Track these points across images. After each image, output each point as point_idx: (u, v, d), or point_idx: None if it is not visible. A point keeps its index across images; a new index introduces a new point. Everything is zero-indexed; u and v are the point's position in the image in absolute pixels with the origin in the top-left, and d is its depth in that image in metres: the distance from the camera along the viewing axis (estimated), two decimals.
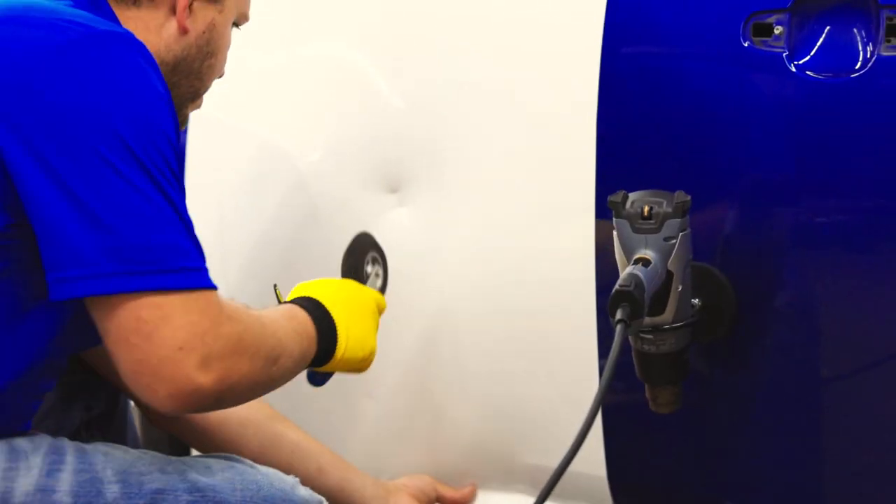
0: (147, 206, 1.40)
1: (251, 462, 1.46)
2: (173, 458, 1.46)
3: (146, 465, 1.44)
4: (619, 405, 1.84)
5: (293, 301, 1.67)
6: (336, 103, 2.01)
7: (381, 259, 1.98)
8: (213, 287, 1.43)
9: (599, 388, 1.42)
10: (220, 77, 1.70)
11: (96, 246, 1.38)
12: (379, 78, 1.98)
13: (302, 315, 1.63)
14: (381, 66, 1.99)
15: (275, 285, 1.77)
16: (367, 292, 1.77)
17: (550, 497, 1.97)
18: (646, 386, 1.71)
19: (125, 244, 1.39)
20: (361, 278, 1.94)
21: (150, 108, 1.43)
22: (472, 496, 2.03)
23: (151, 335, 1.39)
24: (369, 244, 1.97)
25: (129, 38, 1.46)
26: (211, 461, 1.47)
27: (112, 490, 1.40)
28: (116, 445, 1.53)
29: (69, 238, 1.38)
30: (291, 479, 1.46)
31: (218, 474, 1.44)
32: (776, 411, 1.75)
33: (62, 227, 1.39)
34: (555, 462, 1.62)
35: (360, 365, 1.72)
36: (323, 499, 1.47)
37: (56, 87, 1.40)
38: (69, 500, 1.43)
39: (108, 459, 1.45)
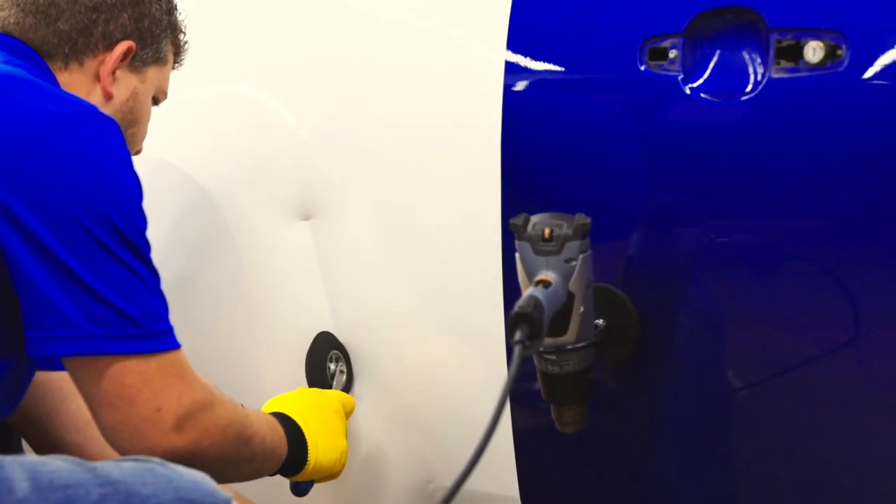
0: (129, 276, 1.52)
1: (161, 461, 1.48)
2: (82, 460, 1.47)
3: (55, 465, 1.45)
4: (529, 426, 1.87)
5: None
6: (244, 136, 2.02)
7: (344, 356, 2.02)
8: (179, 346, 1.56)
9: (496, 407, 1.43)
10: (138, 153, 1.79)
11: (82, 311, 1.50)
12: (286, 112, 2.00)
13: (272, 419, 1.76)
14: (287, 101, 2.00)
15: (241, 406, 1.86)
16: (331, 396, 1.90)
17: None
18: (551, 406, 1.73)
19: (110, 311, 1.50)
20: (325, 378, 2.00)
21: (127, 184, 1.55)
22: None
23: (134, 399, 1.51)
24: (330, 343, 2.02)
25: (106, 116, 1.56)
26: (121, 462, 1.48)
27: (23, 487, 1.41)
28: (24, 454, 1.56)
29: (55, 302, 1.49)
30: (200, 474, 1.48)
31: (129, 470, 1.45)
32: (681, 428, 1.78)
33: (48, 293, 1.49)
34: (472, 485, 1.63)
35: (333, 468, 1.84)
36: (232, 495, 1.48)
37: (45, 164, 1.50)
38: None
39: (17, 462, 1.46)
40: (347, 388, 2.02)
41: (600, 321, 1.72)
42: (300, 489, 1.89)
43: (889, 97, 1.58)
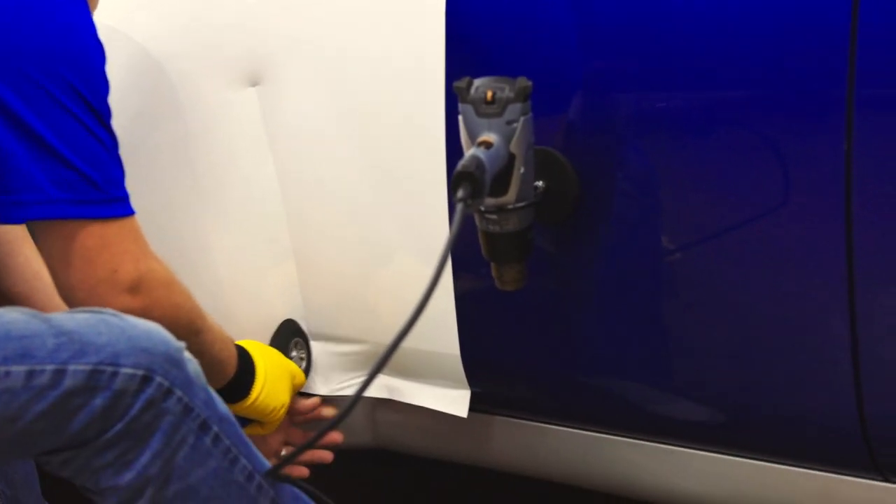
0: (93, 141, 1.57)
1: (114, 312, 1.53)
2: (37, 311, 1.52)
3: (11, 316, 1.49)
4: (470, 286, 1.92)
5: None
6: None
7: (305, 343, 2.07)
8: (135, 213, 1.61)
9: (438, 263, 1.47)
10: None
11: (48, 175, 1.54)
12: None
13: (229, 337, 1.82)
14: None
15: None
16: (289, 362, 1.97)
17: (407, 377, 2.06)
18: (492, 265, 1.78)
19: (74, 175, 1.55)
20: None
21: (91, 50, 1.59)
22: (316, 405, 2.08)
23: (93, 260, 1.57)
24: (293, 331, 2.06)
25: None
26: (75, 313, 1.53)
27: None
28: None
29: (22, 166, 1.54)
30: (153, 323, 1.53)
31: (83, 321, 1.50)
32: (616, 287, 1.84)
33: (15, 156, 1.53)
34: (415, 344, 1.68)
35: (271, 414, 1.90)
36: (183, 345, 1.53)
37: (12, 31, 1.53)
38: None
39: None
40: (306, 374, 2.07)
41: (540, 182, 1.76)
42: None
43: None
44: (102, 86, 1.60)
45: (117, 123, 1.63)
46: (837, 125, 1.61)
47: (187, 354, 1.53)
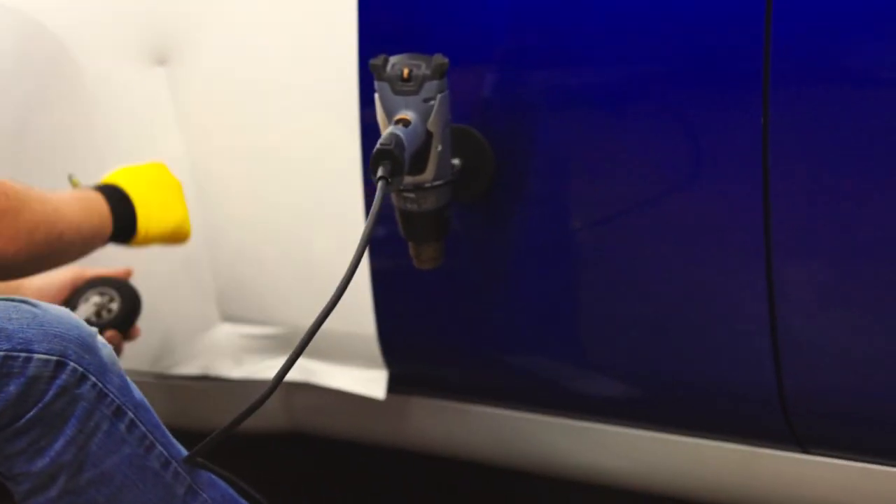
0: None
1: (25, 298, 1.49)
2: None
3: None
4: (387, 266, 1.91)
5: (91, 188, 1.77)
6: None
7: (116, 287, 1.93)
8: None
9: (359, 245, 1.46)
10: None
11: None
12: None
13: (94, 195, 1.73)
14: None
15: (69, 176, 1.84)
16: (171, 175, 1.88)
17: (323, 359, 2.04)
18: (410, 244, 1.76)
19: None
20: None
21: None
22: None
23: None
24: (89, 286, 1.91)
25: None
26: None
27: None
28: None
29: None
30: (65, 309, 1.49)
31: None
32: (533, 264, 1.83)
33: None
34: (331, 325, 1.66)
35: (174, 235, 1.85)
36: (96, 330, 1.50)
37: None
38: None
39: None
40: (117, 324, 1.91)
41: (457, 161, 1.75)
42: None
43: None
44: None
45: (7, 105, 1.58)
46: (754, 101, 1.61)
47: (101, 339, 1.50)
